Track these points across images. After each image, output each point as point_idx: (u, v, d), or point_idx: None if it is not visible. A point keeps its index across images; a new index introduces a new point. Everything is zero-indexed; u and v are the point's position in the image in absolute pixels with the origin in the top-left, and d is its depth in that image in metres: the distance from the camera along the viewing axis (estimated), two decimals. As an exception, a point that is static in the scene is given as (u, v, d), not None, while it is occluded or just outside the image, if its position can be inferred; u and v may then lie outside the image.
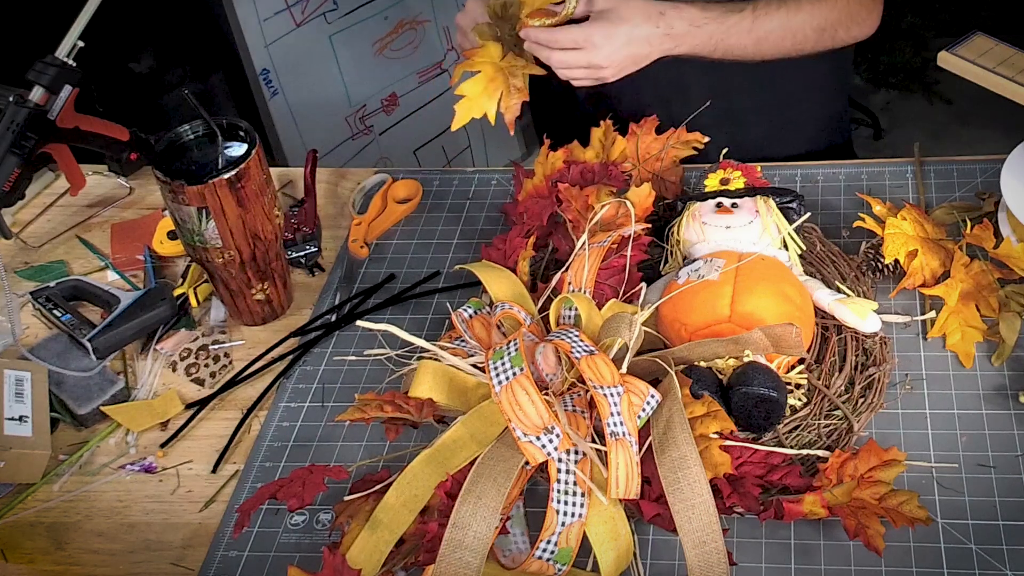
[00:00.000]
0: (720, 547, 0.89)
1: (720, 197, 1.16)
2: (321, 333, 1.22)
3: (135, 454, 1.13)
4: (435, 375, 1.03)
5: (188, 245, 1.18)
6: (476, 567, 0.89)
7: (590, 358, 0.95)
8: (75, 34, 1.32)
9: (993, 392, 1.04)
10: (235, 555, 1.01)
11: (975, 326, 1.09)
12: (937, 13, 2.86)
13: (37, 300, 1.24)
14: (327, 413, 1.13)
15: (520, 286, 1.13)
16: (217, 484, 1.08)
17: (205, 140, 1.18)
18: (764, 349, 1.01)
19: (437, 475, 0.95)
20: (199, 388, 1.19)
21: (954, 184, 1.28)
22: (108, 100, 2.11)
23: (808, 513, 0.92)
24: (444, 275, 1.27)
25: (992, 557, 0.91)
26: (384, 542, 0.93)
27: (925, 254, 1.13)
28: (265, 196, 1.17)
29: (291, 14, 2.27)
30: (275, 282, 1.23)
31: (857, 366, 1.07)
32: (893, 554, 0.92)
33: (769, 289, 1.04)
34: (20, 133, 1.30)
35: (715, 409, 0.96)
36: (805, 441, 1.01)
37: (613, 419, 0.92)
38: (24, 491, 1.09)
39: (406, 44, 2.48)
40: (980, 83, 1.17)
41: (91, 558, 1.03)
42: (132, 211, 1.46)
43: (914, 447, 1.00)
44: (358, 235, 1.32)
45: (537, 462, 0.93)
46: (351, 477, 1.03)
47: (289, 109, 2.33)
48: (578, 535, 0.92)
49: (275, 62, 2.27)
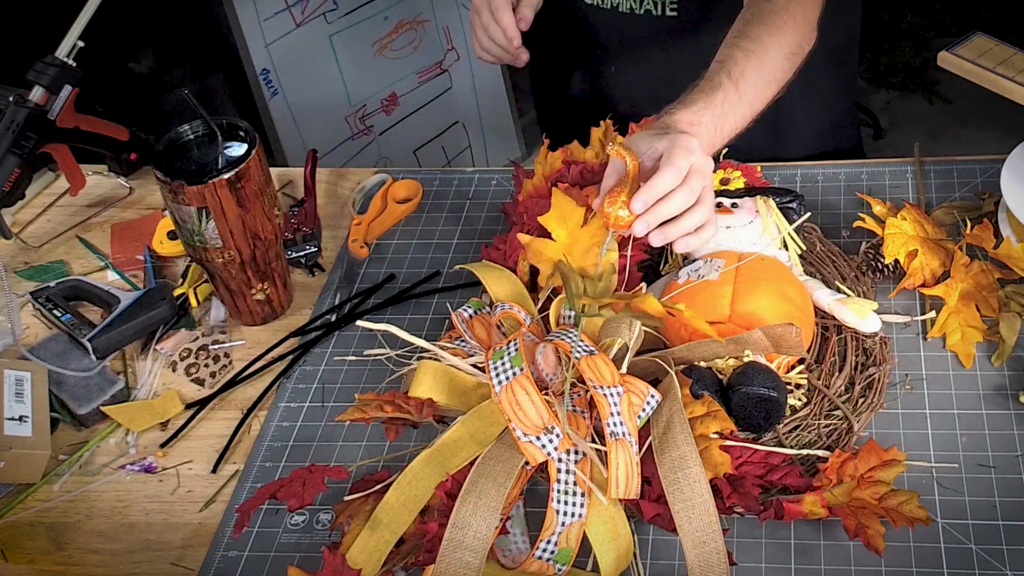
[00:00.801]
0: (720, 547, 0.89)
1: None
2: (321, 333, 1.22)
3: (135, 454, 1.13)
4: (435, 375, 1.03)
5: (188, 245, 1.18)
6: (476, 567, 0.89)
7: (590, 358, 0.95)
8: (75, 34, 1.32)
9: (993, 392, 1.04)
10: (235, 555, 1.01)
11: (975, 326, 1.09)
12: (937, 13, 2.86)
13: (37, 300, 1.24)
14: (327, 413, 1.13)
15: (520, 286, 1.13)
16: (217, 484, 1.08)
17: (205, 140, 1.18)
18: (764, 349, 1.01)
19: (437, 475, 0.95)
20: (199, 388, 1.19)
21: (954, 184, 1.28)
22: (108, 100, 2.11)
23: (808, 513, 0.92)
24: (444, 275, 1.27)
25: (992, 557, 0.91)
26: (384, 542, 0.93)
27: (925, 254, 1.13)
28: (265, 196, 1.17)
29: (291, 14, 2.28)
30: (275, 282, 1.23)
31: (857, 366, 1.07)
32: (893, 554, 0.92)
33: (769, 289, 1.04)
34: (20, 133, 1.30)
35: (715, 409, 0.96)
36: (805, 441, 1.01)
37: (613, 419, 0.92)
38: (24, 491, 1.09)
39: (406, 44, 2.48)
40: (980, 83, 1.17)
41: (91, 558, 1.03)
42: (132, 211, 1.46)
43: (914, 447, 1.00)
44: (358, 235, 1.32)
45: (537, 462, 0.93)
46: (351, 477, 1.03)
47: (289, 109, 2.33)
48: (578, 535, 0.92)
49: (275, 62, 2.27)
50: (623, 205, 1.02)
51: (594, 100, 1.47)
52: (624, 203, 1.02)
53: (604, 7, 1.39)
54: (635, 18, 1.37)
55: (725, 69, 1.10)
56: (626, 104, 1.38)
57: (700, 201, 1.03)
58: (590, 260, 1.09)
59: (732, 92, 1.09)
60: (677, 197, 1.01)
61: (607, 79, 1.47)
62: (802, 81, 1.19)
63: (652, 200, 1.00)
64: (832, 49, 1.43)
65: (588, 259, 1.09)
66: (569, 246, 1.10)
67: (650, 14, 1.36)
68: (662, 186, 1.00)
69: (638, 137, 1.08)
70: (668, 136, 1.03)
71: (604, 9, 1.39)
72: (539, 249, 1.11)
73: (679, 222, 1.02)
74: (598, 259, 1.07)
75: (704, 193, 1.03)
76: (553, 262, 1.09)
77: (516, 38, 1.27)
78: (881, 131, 2.89)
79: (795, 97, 1.29)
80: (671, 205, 1.01)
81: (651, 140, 1.05)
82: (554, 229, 1.11)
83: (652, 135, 1.06)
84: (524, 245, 1.11)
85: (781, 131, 1.42)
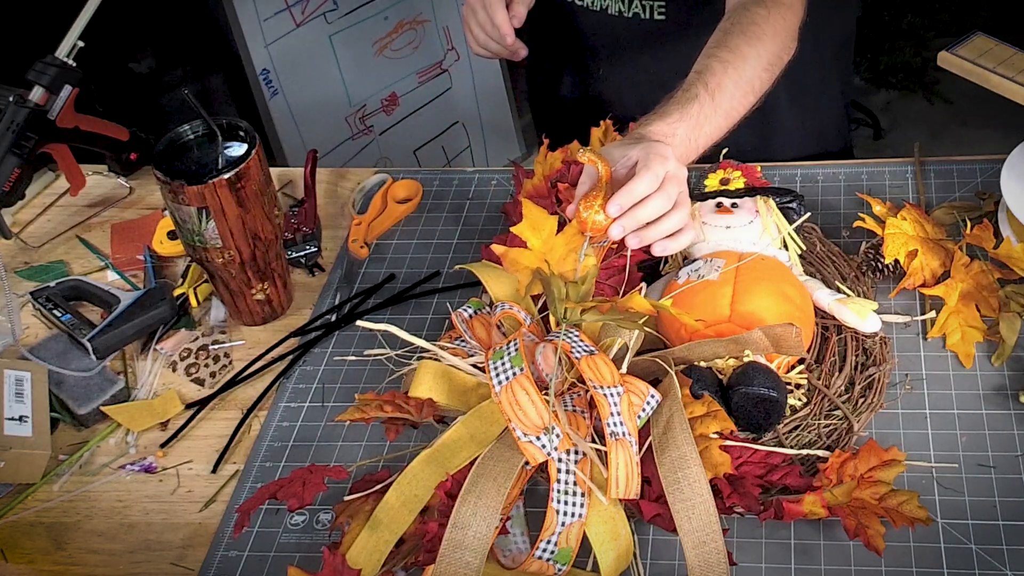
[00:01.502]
0: (720, 547, 0.89)
1: (720, 197, 1.17)
2: (321, 333, 1.22)
3: (135, 454, 1.13)
4: (435, 375, 1.03)
5: (188, 245, 1.18)
6: (476, 567, 0.89)
7: (590, 358, 0.95)
8: (75, 34, 1.32)
9: (993, 392, 1.04)
10: (235, 555, 1.01)
11: (975, 326, 1.09)
12: (937, 13, 2.86)
13: (37, 300, 1.24)
14: (327, 413, 1.13)
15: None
16: (217, 484, 1.08)
17: (205, 140, 1.18)
18: (764, 349, 1.01)
19: (437, 475, 0.95)
20: (199, 388, 1.19)
21: (954, 184, 1.28)
22: (108, 100, 2.11)
23: (808, 513, 0.92)
24: (444, 275, 1.27)
25: (992, 557, 0.91)
26: (384, 542, 0.93)
27: (925, 254, 1.13)
28: (265, 196, 1.17)
29: (291, 14, 2.28)
30: (275, 282, 1.23)
31: (857, 366, 1.07)
32: (893, 554, 0.92)
33: (769, 289, 1.04)
34: (20, 133, 1.30)
35: (715, 409, 0.96)
36: (805, 441, 1.01)
37: (613, 419, 0.92)
38: (24, 491, 1.09)
39: (406, 44, 2.48)
40: (980, 83, 1.17)
41: (91, 558, 1.03)
42: (132, 211, 1.46)
43: (914, 447, 1.00)
44: (358, 235, 1.32)
45: (537, 462, 0.93)
46: (351, 477, 1.03)
47: (289, 109, 2.33)
48: (578, 535, 0.92)
49: (275, 62, 2.27)
50: (599, 210, 1.04)
51: (585, 102, 1.47)
52: (600, 208, 1.03)
53: (594, 9, 1.39)
54: (623, 21, 1.38)
55: (702, 80, 1.11)
56: (615, 106, 1.38)
57: (677, 206, 1.04)
58: (568, 266, 1.09)
59: (708, 103, 1.10)
60: (654, 201, 1.02)
61: (597, 81, 1.48)
62: (793, 84, 1.19)
63: (628, 204, 1.02)
64: (825, 53, 1.43)
65: (565, 265, 1.09)
66: (545, 254, 1.11)
67: (638, 17, 1.37)
68: (639, 190, 1.02)
69: (612, 146, 1.10)
70: (642, 144, 1.05)
71: (594, 11, 1.39)
72: (515, 258, 1.12)
73: (657, 225, 1.04)
74: (575, 265, 1.08)
75: (681, 199, 1.05)
76: (530, 270, 1.10)
77: (510, 35, 1.28)
78: (881, 131, 2.89)
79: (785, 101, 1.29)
80: (648, 209, 1.02)
81: (625, 149, 1.07)
82: (528, 238, 1.12)
83: (626, 144, 1.08)
84: (500, 256, 1.12)
85: (771, 134, 1.42)
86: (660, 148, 1.05)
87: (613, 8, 1.38)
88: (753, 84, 1.14)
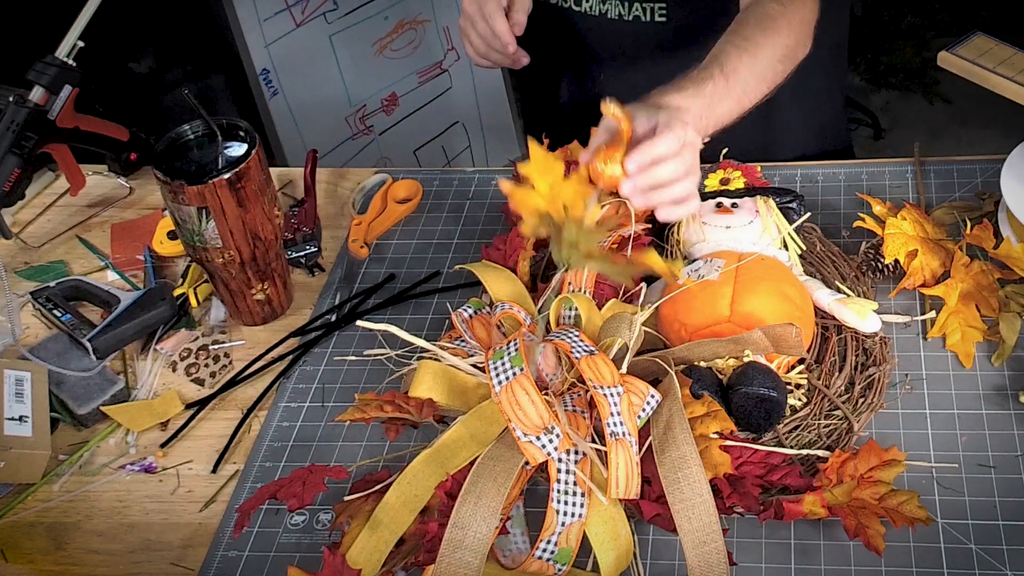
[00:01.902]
0: (720, 547, 0.89)
1: (720, 197, 1.17)
2: (321, 333, 1.22)
3: (135, 454, 1.13)
4: (435, 375, 1.03)
5: (188, 245, 1.18)
6: (476, 567, 0.89)
7: (590, 358, 0.95)
8: (75, 34, 1.32)
9: (993, 392, 1.04)
10: (235, 555, 1.01)
11: (975, 326, 1.09)
12: (937, 13, 2.86)
13: (37, 300, 1.24)
14: (327, 413, 1.13)
15: (520, 286, 1.13)
16: (217, 484, 1.08)
17: (205, 140, 1.18)
18: (764, 349, 1.01)
19: (437, 475, 0.95)
20: (199, 388, 1.19)
21: (954, 184, 1.28)
22: (108, 100, 2.11)
23: (808, 513, 0.92)
24: (444, 275, 1.27)
25: (992, 557, 0.91)
26: (384, 542, 0.93)
27: (925, 254, 1.13)
28: (265, 196, 1.17)
29: (291, 14, 2.27)
30: (275, 282, 1.23)
31: (857, 366, 1.07)
32: (893, 554, 0.92)
33: (769, 289, 1.04)
34: (20, 133, 1.30)
35: (715, 409, 0.96)
36: (805, 441, 1.01)
37: (613, 419, 0.92)
38: (24, 491, 1.09)
39: (406, 44, 2.48)
40: (980, 83, 1.17)
41: (91, 558, 1.03)
42: (132, 211, 1.46)
43: (914, 447, 1.00)
44: (358, 235, 1.32)
45: (537, 462, 0.93)
46: (351, 477, 1.03)
47: (289, 109, 2.33)
48: (578, 535, 0.92)
49: (275, 62, 2.27)
50: (616, 164, 1.02)
51: (583, 107, 1.47)
52: (618, 162, 1.02)
53: (593, 13, 1.39)
54: (624, 24, 1.37)
55: (717, 62, 1.12)
56: None
57: (688, 173, 1.04)
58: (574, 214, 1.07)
59: (722, 84, 1.10)
60: (671, 164, 1.02)
61: (596, 86, 1.47)
62: (793, 83, 1.19)
63: (646, 162, 1.01)
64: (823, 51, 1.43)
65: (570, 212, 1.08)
66: (551, 198, 1.09)
67: (639, 20, 1.36)
68: (659, 151, 1.01)
69: (634, 106, 1.08)
70: (665, 110, 1.05)
71: (593, 16, 1.39)
72: (523, 199, 1.09)
73: (666, 189, 1.03)
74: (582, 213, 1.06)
75: (691, 167, 1.04)
76: (537, 212, 1.08)
77: (511, 43, 1.27)
78: (881, 131, 2.89)
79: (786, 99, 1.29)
80: (664, 170, 1.01)
81: (648, 111, 1.06)
82: (535, 179, 1.09)
83: (645, 108, 1.07)
84: (507, 193, 1.09)
85: (773, 132, 1.42)
86: (683, 114, 1.05)
87: (613, 12, 1.37)
88: (766, 74, 1.15)
